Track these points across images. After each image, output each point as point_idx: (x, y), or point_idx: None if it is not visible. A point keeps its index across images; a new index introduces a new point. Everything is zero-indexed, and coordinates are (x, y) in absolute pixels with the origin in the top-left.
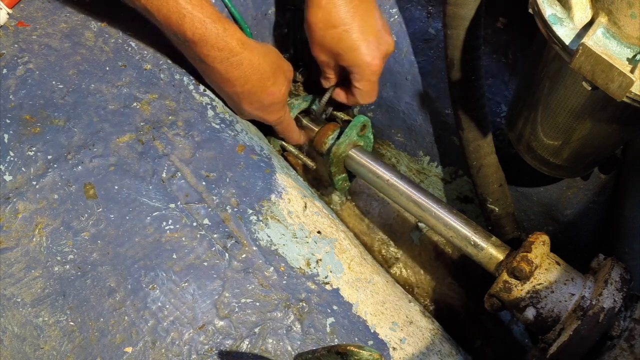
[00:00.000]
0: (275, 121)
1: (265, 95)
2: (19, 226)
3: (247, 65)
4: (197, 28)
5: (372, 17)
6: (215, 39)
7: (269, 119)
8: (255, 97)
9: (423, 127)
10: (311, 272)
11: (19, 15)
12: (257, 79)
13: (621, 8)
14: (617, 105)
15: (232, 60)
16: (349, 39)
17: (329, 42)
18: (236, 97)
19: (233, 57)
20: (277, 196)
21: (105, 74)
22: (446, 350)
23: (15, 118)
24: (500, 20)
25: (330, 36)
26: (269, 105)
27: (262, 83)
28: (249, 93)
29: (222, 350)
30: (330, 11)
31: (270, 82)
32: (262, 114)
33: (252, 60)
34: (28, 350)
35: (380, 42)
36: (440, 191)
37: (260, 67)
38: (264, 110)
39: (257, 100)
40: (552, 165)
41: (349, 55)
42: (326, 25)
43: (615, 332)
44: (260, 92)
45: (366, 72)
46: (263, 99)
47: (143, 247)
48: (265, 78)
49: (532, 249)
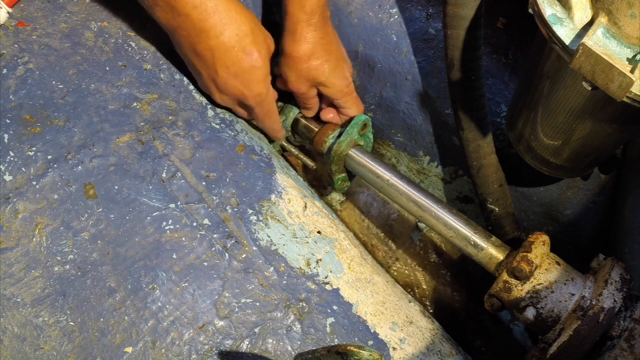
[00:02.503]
0: (256, 97)
1: (243, 54)
2: (19, 226)
3: (223, 12)
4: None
5: (340, 46)
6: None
7: (249, 93)
8: (232, 54)
9: (423, 127)
10: (311, 272)
11: (19, 15)
12: (234, 32)
13: (621, 8)
14: (617, 105)
15: (206, 5)
16: (329, 69)
17: (313, 74)
18: (210, 57)
19: (207, 1)
20: (277, 196)
21: (105, 74)
22: (446, 350)
23: (15, 118)
24: (500, 20)
25: (315, 67)
26: (249, 70)
27: (239, 37)
28: (225, 48)
29: (222, 350)
30: (315, 45)
31: (249, 39)
32: (241, 85)
33: (228, 7)
34: (28, 350)
35: (348, 65)
36: (440, 191)
37: (238, 19)
38: (243, 77)
39: (234, 61)
40: (552, 165)
41: (330, 82)
42: (310, 57)
43: (615, 332)
44: (238, 48)
45: (347, 93)
46: (242, 60)
47: (143, 247)
48: (243, 32)
49: (532, 249)
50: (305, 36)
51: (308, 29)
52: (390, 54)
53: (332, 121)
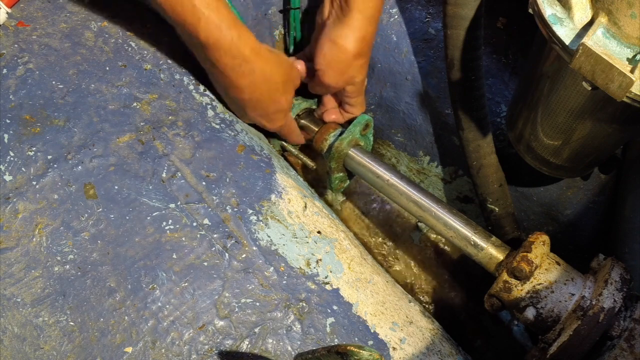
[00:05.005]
0: (278, 127)
1: (271, 104)
2: (19, 226)
3: (258, 74)
4: (212, 32)
5: None
6: (229, 45)
7: (271, 126)
8: (261, 104)
9: (423, 127)
10: (311, 272)
11: (19, 15)
12: (266, 89)
13: (621, 8)
14: (617, 105)
15: (244, 68)
16: (366, 69)
17: (353, 72)
18: (241, 103)
19: (245, 65)
20: (277, 196)
21: (105, 74)
22: (446, 350)
23: (15, 118)
24: (500, 20)
25: (360, 66)
26: (273, 113)
27: (270, 93)
28: (256, 101)
29: (222, 350)
30: (364, 40)
31: (279, 92)
32: (264, 121)
33: (264, 69)
34: (28, 350)
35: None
36: (440, 191)
37: (272, 78)
38: (267, 117)
39: (262, 107)
40: (552, 165)
41: (360, 81)
42: (358, 55)
43: (615, 332)
44: (268, 101)
45: (361, 92)
46: (269, 107)
47: (143, 247)
48: (275, 89)
49: (532, 249)
50: (360, 28)
51: (364, 21)
52: (390, 54)
53: (334, 122)
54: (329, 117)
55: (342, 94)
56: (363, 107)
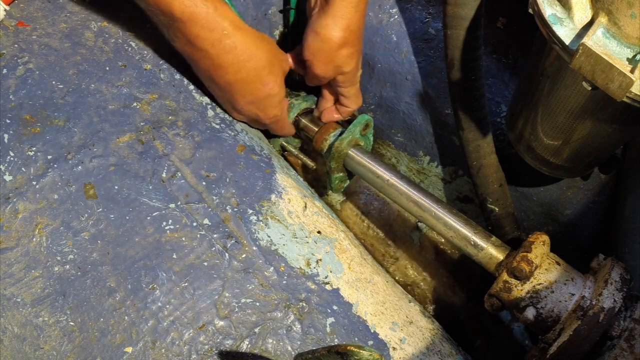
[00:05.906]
0: (272, 119)
1: (260, 85)
2: (19, 226)
3: (241, 50)
4: (187, 6)
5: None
6: (205, 18)
7: (265, 116)
8: (249, 87)
9: (423, 127)
10: (311, 272)
11: (19, 15)
12: (252, 67)
13: (621, 8)
14: (617, 105)
15: (224, 43)
16: (358, 57)
17: (341, 62)
18: (228, 88)
19: (225, 39)
20: (277, 196)
21: (105, 74)
22: (446, 350)
23: (15, 118)
24: (500, 20)
25: (347, 55)
26: (264, 98)
27: (257, 72)
28: (242, 82)
29: (222, 350)
30: (349, 27)
31: (266, 71)
32: (257, 110)
33: (246, 43)
34: (28, 350)
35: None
36: (440, 191)
37: (256, 54)
38: (259, 104)
39: (251, 91)
40: (552, 165)
41: (352, 70)
42: (344, 44)
43: (615, 332)
44: (255, 81)
45: (355, 82)
46: (258, 90)
47: (143, 247)
48: (261, 66)
49: (532, 249)
50: (343, 16)
51: (348, 9)
52: (390, 54)
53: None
54: (326, 117)
55: (335, 85)
56: (358, 100)
